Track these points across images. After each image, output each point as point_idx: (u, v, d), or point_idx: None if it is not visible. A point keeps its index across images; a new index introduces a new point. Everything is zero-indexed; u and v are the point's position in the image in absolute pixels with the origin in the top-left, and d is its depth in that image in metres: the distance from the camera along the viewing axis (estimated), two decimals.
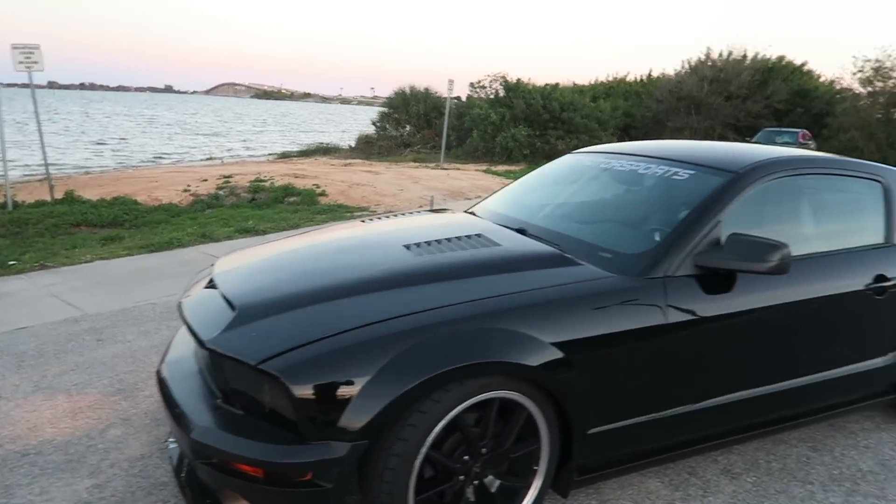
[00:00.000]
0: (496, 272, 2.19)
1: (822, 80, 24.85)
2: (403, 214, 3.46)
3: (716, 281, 2.26)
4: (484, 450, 2.01)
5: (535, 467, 2.10)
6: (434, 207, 7.75)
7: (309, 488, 1.78)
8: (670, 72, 24.86)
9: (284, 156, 24.56)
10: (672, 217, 2.43)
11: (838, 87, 21.66)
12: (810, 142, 18.67)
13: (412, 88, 27.24)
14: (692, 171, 2.62)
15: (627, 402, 2.16)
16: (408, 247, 2.43)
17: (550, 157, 19.98)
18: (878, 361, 2.69)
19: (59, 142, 27.20)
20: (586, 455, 2.16)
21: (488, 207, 3.18)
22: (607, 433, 2.14)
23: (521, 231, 2.68)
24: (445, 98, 27.50)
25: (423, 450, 1.84)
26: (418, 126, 25.93)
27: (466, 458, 1.98)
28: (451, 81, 17.36)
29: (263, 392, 1.84)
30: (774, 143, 17.95)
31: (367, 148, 25.08)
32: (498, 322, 1.95)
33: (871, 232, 2.72)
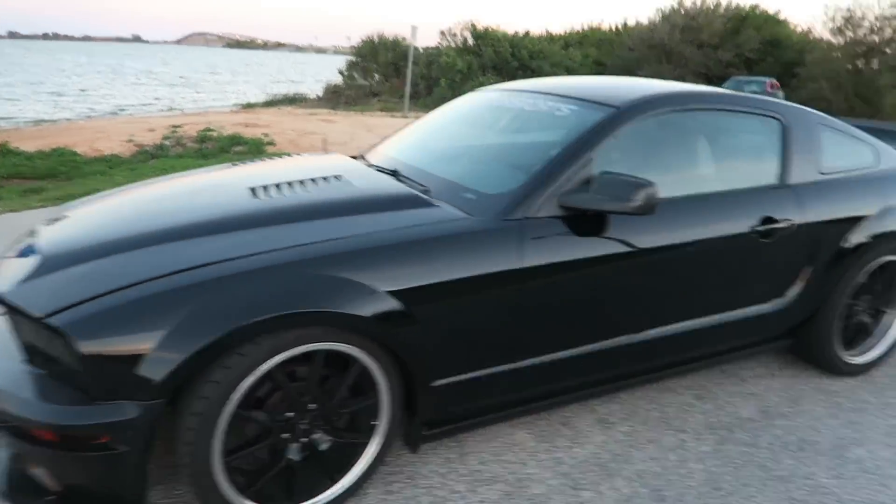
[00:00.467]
0: (335, 215, 2.02)
1: (797, 29, 24.53)
2: (281, 157, 3.26)
3: (583, 223, 2.11)
4: (312, 406, 1.88)
5: (374, 423, 1.98)
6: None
7: (103, 451, 1.64)
8: (646, 21, 24.34)
9: (249, 106, 23.84)
10: (543, 155, 2.26)
11: (811, 37, 21.37)
12: (778, 91, 18.47)
13: (381, 37, 26.44)
14: (574, 107, 2.44)
15: (478, 353, 2.03)
16: (253, 190, 2.24)
17: None
18: (766, 307, 2.59)
19: (17, 93, 26.09)
20: (433, 409, 2.04)
21: (379, 150, 2.98)
22: (455, 385, 2.02)
23: (393, 173, 2.50)
24: (418, 47, 26.82)
25: (229, 408, 1.69)
26: (386, 75, 25.28)
27: (291, 414, 1.85)
28: (414, 28, 16.78)
29: (55, 349, 1.67)
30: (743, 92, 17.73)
31: (335, 98, 24.41)
32: (323, 269, 1.79)
33: (764, 172, 2.58)
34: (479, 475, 2.17)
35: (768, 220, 2.43)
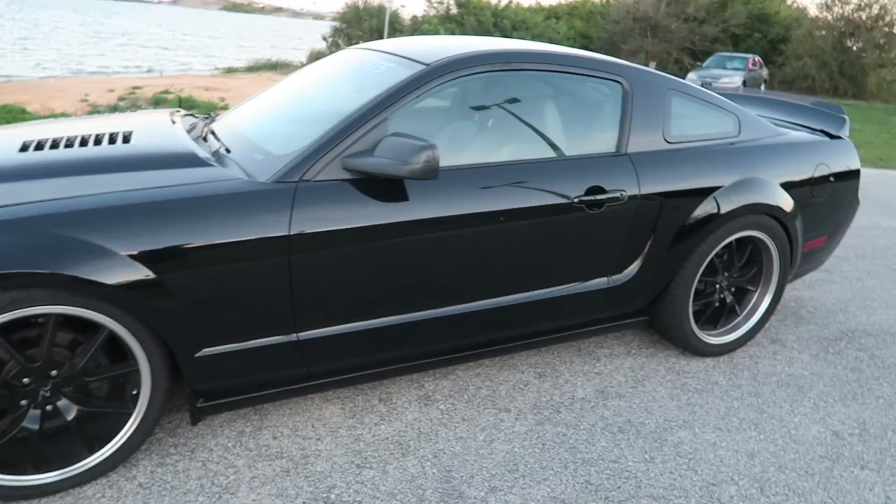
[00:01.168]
0: (93, 172, 1.87)
1: (791, 2, 23.97)
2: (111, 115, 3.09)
3: (369, 188, 1.97)
4: (53, 372, 1.76)
5: (136, 392, 1.87)
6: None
7: None
8: None
9: (230, 71, 23.37)
10: (341, 114, 2.10)
11: (798, 10, 20.90)
12: (762, 69, 18.15)
13: (365, 2, 25.86)
14: (393, 65, 2.28)
15: (248, 323, 1.90)
16: (25, 144, 2.08)
17: None
18: (604, 281, 2.46)
19: None
20: (203, 380, 1.92)
21: (233, 111, 2.82)
22: (225, 356, 1.90)
23: (191, 129, 2.37)
24: (401, 15, 26.27)
25: None
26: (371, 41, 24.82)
27: (26, 380, 1.73)
28: None
29: None
30: (724, 69, 17.45)
31: None
32: (54, 227, 1.65)
33: (599, 139, 2.43)
34: (266, 450, 2.06)
35: (596, 189, 2.29)
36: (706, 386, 2.62)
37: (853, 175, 3.03)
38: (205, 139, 2.34)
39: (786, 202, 2.71)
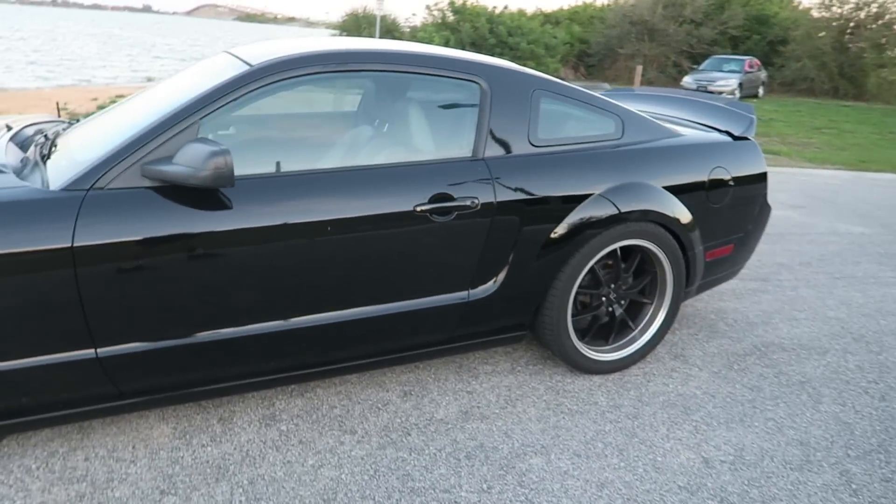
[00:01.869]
0: None
1: (795, 3, 23.52)
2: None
3: (175, 196, 1.84)
4: None
5: None
6: None
7: None
8: None
9: None
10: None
11: (798, 10, 20.51)
12: (760, 71, 17.83)
13: (365, 10, 25.94)
14: (229, 68, 2.15)
15: (33, 337, 1.76)
16: None
17: None
18: (462, 294, 2.30)
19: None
20: None
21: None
22: (10, 373, 1.77)
23: (28, 141, 2.27)
24: (401, 24, 26.28)
25: None
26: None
27: None
28: (380, 0, 16.27)
29: None
30: (721, 71, 17.19)
31: None
32: None
33: (449, 143, 2.27)
34: (71, 473, 1.93)
35: (442, 196, 2.14)
36: (583, 407, 2.45)
37: (758, 178, 2.85)
38: (41, 146, 2.22)
39: (674, 208, 2.53)
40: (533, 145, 2.33)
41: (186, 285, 1.87)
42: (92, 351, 1.84)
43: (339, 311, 2.12)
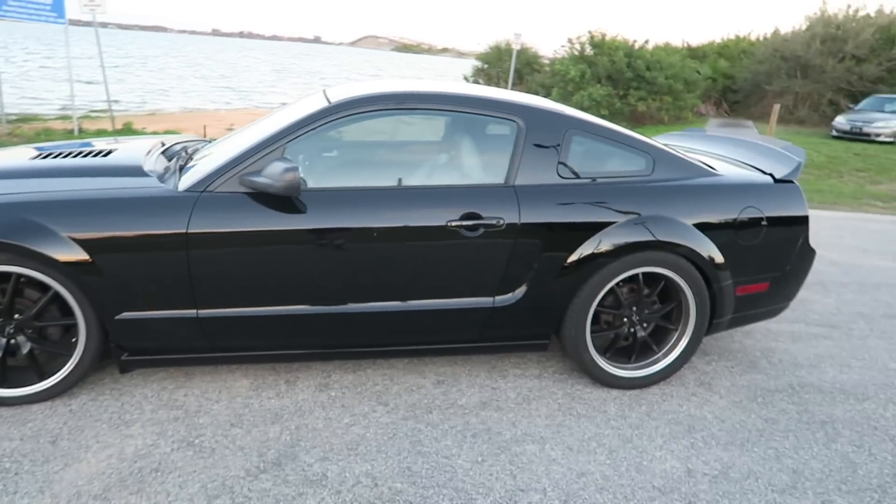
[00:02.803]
0: (74, 176, 2.55)
1: None
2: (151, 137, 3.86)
3: (261, 200, 2.45)
4: (17, 315, 2.43)
5: (75, 340, 2.48)
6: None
7: None
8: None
9: None
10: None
11: None
12: None
13: (507, 43, 26.84)
14: (316, 104, 2.76)
15: (155, 295, 2.45)
16: (41, 154, 2.86)
17: (631, 119, 19.05)
18: (486, 300, 2.69)
19: (185, 85, 30.10)
20: (123, 337, 2.50)
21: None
22: (138, 321, 2.46)
23: (174, 154, 3.03)
24: (542, 55, 26.87)
25: None
26: (513, 86, 25.66)
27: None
28: (517, 35, 16.96)
29: None
30: (881, 112, 15.79)
31: None
32: (22, 212, 2.33)
33: (486, 171, 2.70)
34: (173, 403, 2.59)
35: (472, 215, 2.56)
36: (591, 413, 2.72)
37: (797, 221, 2.95)
38: (180, 159, 2.96)
39: (695, 241, 2.74)
40: (561, 177, 2.69)
41: (266, 268, 2.47)
42: (194, 311, 2.49)
43: (383, 302, 2.62)
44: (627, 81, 19.70)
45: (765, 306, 3.08)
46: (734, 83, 21.25)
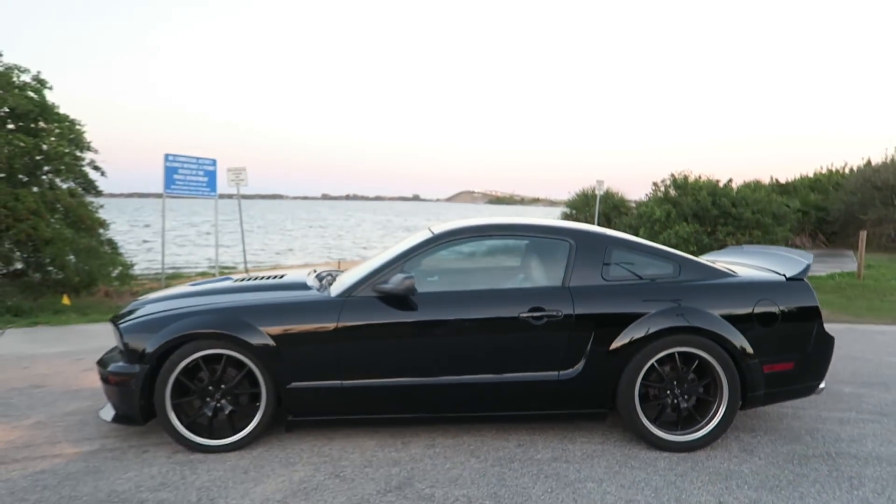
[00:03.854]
0: (258, 291, 3.78)
1: None
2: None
3: (384, 301, 3.53)
4: (223, 386, 3.55)
5: (258, 403, 3.54)
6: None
7: (126, 387, 3.51)
8: None
9: None
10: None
11: None
12: None
13: (593, 189, 28.50)
14: (425, 234, 3.91)
15: (315, 370, 3.49)
16: (241, 279, 4.15)
17: None
18: (552, 374, 3.52)
19: (304, 242, 33.80)
20: (292, 401, 3.53)
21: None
22: (303, 389, 3.50)
23: (326, 274, 4.25)
24: (628, 199, 28.22)
25: (173, 376, 3.45)
26: (598, 226, 26.93)
27: (211, 388, 3.54)
28: (600, 182, 18.44)
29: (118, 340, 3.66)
30: None
31: None
32: (234, 314, 3.54)
33: (548, 277, 3.66)
34: (323, 453, 3.52)
35: (537, 308, 3.49)
36: (643, 465, 3.36)
37: (809, 311, 3.61)
38: (328, 279, 4.15)
39: (719, 326, 3.49)
40: (604, 279, 3.60)
41: (391, 349, 3.49)
42: (339, 381, 3.50)
43: (472, 376, 3.52)
44: (714, 218, 20.36)
45: (796, 383, 3.67)
46: (828, 215, 21.28)
